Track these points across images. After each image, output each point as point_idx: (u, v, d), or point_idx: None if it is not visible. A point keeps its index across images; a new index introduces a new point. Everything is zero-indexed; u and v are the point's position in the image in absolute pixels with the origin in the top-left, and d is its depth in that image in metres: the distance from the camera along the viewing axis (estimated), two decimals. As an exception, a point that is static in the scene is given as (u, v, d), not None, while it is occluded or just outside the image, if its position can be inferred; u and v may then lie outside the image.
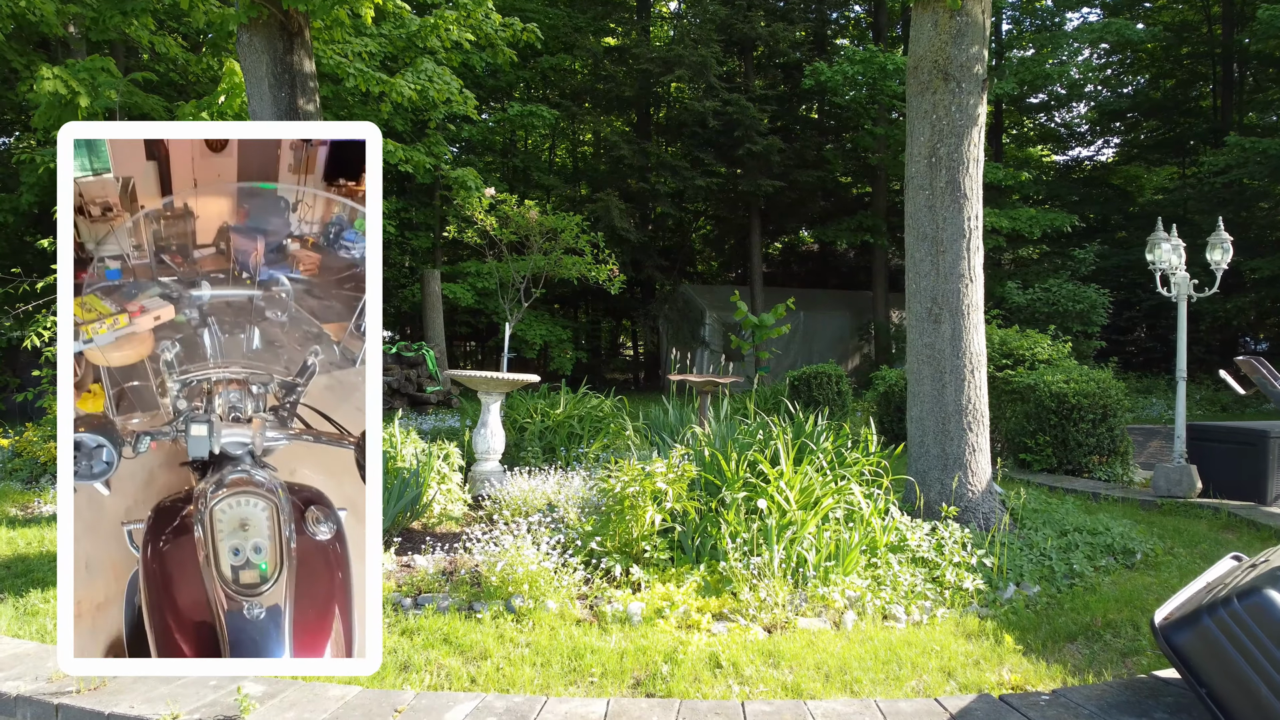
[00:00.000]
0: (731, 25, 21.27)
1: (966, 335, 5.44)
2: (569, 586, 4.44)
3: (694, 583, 4.51)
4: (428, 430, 8.15)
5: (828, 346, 22.88)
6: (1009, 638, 4.08)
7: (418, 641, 3.95)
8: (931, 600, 4.51)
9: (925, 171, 5.46)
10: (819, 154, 23.42)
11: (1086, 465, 8.70)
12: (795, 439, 5.40)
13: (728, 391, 8.66)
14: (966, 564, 4.77)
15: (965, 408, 5.44)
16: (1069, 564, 4.89)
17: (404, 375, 14.90)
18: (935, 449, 5.51)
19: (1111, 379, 8.96)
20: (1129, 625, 4.28)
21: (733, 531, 4.73)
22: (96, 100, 9.37)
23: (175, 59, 12.75)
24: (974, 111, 5.39)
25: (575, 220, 9.08)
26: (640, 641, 3.96)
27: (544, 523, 5.06)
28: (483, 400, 6.69)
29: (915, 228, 5.54)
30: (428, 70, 12.89)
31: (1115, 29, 19.64)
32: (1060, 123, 28.46)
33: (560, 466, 7.26)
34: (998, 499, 5.58)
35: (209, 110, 10.08)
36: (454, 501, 6.02)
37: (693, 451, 5.37)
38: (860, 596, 4.43)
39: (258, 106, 6.23)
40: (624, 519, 4.80)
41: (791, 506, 4.90)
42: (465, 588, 4.53)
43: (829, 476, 5.13)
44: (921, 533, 4.99)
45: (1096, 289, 17.01)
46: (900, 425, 10.50)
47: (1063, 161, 29.78)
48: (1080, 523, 5.44)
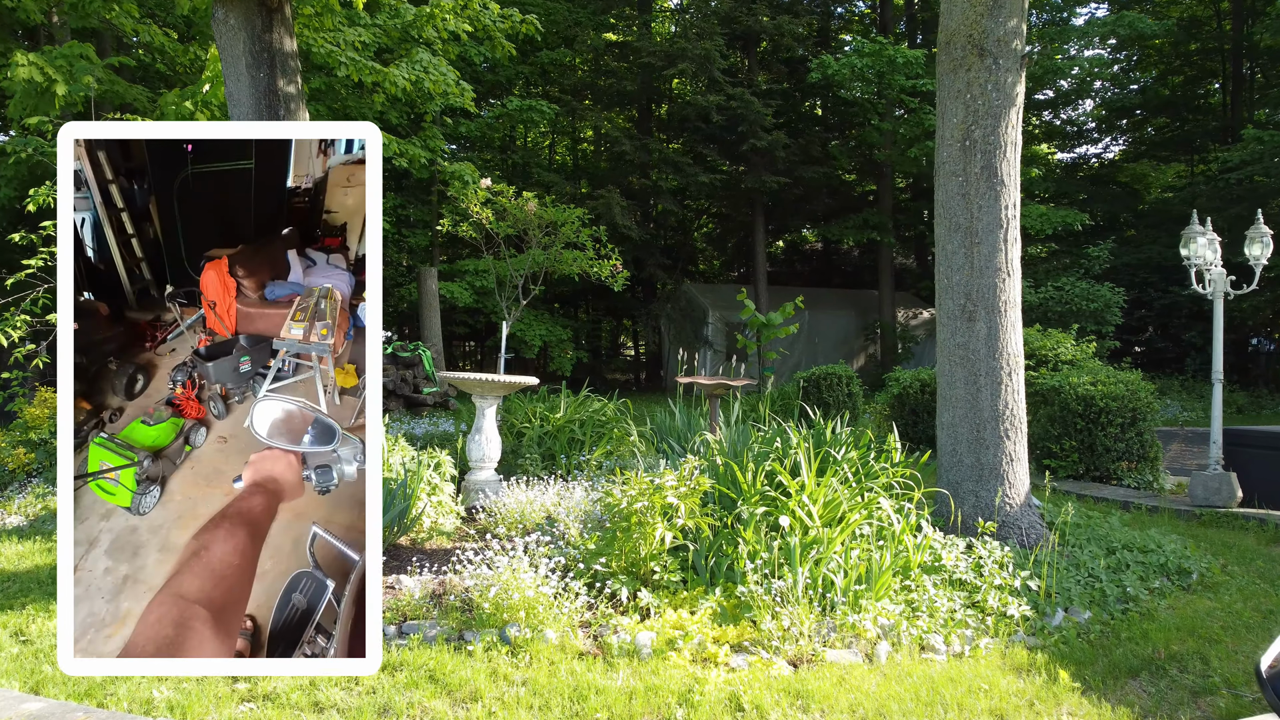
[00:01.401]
0: (735, 18, 20.82)
1: (1003, 334, 4.99)
2: (570, 614, 4.00)
3: (709, 609, 4.06)
4: (420, 436, 7.70)
5: (832, 347, 22.42)
6: (1064, 673, 3.64)
7: (400, 680, 3.50)
8: (973, 628, 4.07)
9: (958, 156, 5.02)
10: (824, 150, 22.96)
11: (1115, 472, 8.25)
12: (817, 448, 4.95)
13: (739, 394, 8.22)
14: (1009, 586, 4.32)
15: (1002, 413, 4.99)
16: (1121, 586, 4.44)
17: (399, 376, 14.44)
18: (969, 458, 5.06)
19: (1140, 380, 8.51)
20: (1196, 658, 3.84)
21: (751, 551, 4.28)
22: (74, 88, 8.91)
23: (162, 49, 12.29)
24: (1012, 91, 4.94)
25: (576, 213, 8.62)
26: (651, 679, 3.52)
27: (542, 541, 4.61)
28: (477, 404, 6.24)
29: (947, 217, 5.10)
30: (423, 61, 12.45)
31: (1128, 21, 19.18)
32: (1066, 119, 27.99)
33: (560, 475, 6.81)
34: (1037, 512, 5.13)
35: (193, 99, 9.63)
36: (446, 514, 5.57)
37: (705, 462, 4.92)
38: (894, 625, 3.98)
39: (234, 88, 5.77)
40: (631, 536, 4.35)
41: (815, 523, 4.46)
42: (455, 614, 4.08)
43: (855, 489, 4.69)
44: (957, 551, 4.54)
45: (1111, 287, 16.57)
46: (917, 430, 10.05)
47: (1068, 159, 29.32)
48: (1128, 539, 4.99)
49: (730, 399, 7.86)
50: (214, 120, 9.12)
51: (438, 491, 5.58)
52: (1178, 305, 21.07)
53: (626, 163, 22.46)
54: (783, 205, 24.24)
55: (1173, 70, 26.07)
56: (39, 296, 7.75)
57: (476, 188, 8.57)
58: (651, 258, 23.05)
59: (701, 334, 21.05)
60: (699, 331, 21.20)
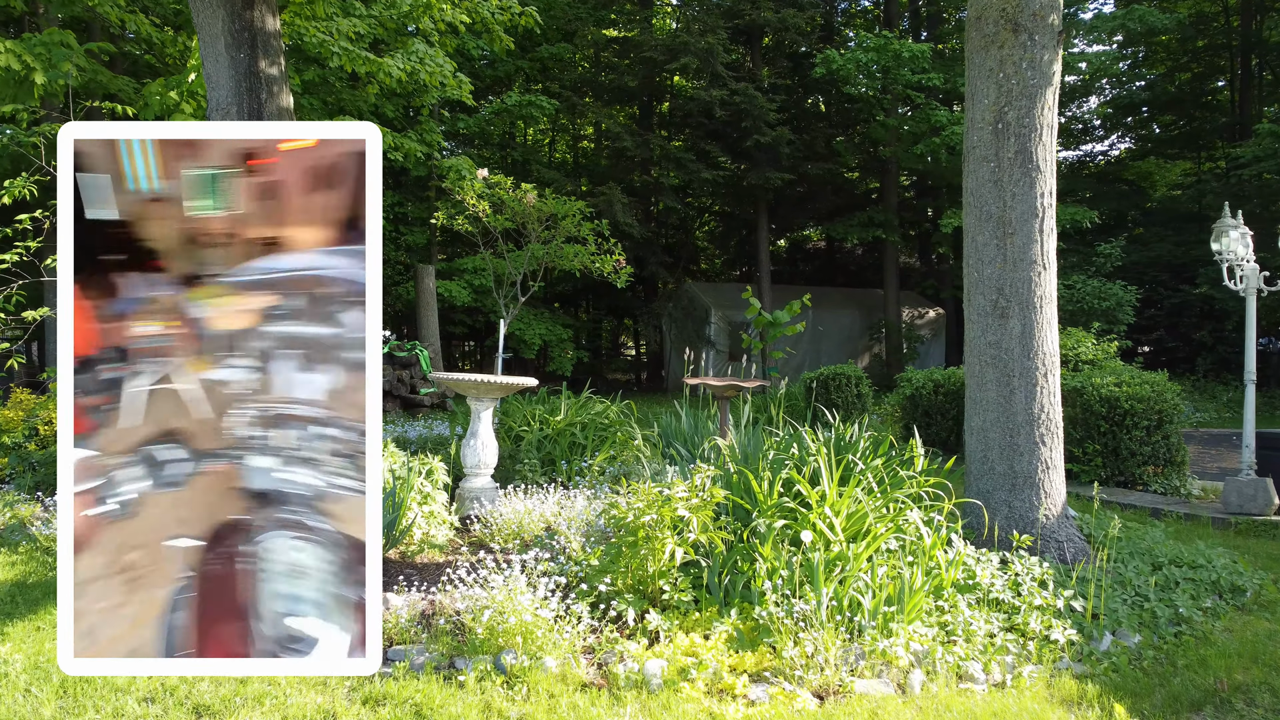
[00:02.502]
0: (739, 12, 20.44)
1: (1039, 332, 4.63)
2: (572, 638, 3.64)
3: (724, 633, 3.70)
4: (413, 439, 7.33)
5: (837, 346, 22.08)
6: (1119, 707, 3.27)
7: (383, 716, 3.14)
8: (1014, 654, 3.70)
9: (990, 140, 4.65)
10: (829, 146, 22.59)
11: (1140, 477, 7.89)
12: (837, 454, 4.59)
13: (747, 397, 7.85)
14: (1051, 607, 3.96)
15: (1037, 418, 4.63)
16: (1173, 606, 4.08)
17: (396, 376, 14.09)
18: (1002, 465, 4.69)
19: (1166, 382, 8.15)
20: (1264, 689, 3.47)
21: (770, 568, 3.92)
22: (53, 75, 8.54)
23: (150, 39, 11.93)
24: (1048, 69, 4.58)
25: (577, 206, 8.23)
26: (662, 715, 3.16)
27: (541, 558, 4.25)
28: (472, 407, 5.88)
29: (977, 206, 4.73)
30: (418, 51, 12.09)
31: (1138, 15, 18.82)
32: (1072, 116, 27.64)
33: (561, 482, 6.45)
34: (1074, 524, 4.77)
35: (178, 88, 9.27)
36: (438, 525, 5.20)
37: (718, 470, 4.56)
38: (929, 651, 3.62)
39: (212, 69, 5.40)
40: (638, 552, 3.99)
41: (838, 537, 4.10)
42: (446, 639, 3.72)
43: (880, 499, 4.32)
44: (992, 567, 4.18)
45: (1123, 286, 16.21)
46: (930, 432, 9.69)
47: (1074, 157, 28.96)
48: (1175, 553, 4.63)
49: (740, 401, 7.50)
50: (199, 110, 8.76)
51: (429, 500, 5.22)
52: (1188, 304, 20.73)
53: (628, 159, 22.09)
54: (786, 203, 23.87)
55: (1180, 67, 25.73)
56: (13, 294, 7.39)
57: (473, 179, 8.19)
58: (653, 256, 22.69)
59: (704, 333, 20.69)
60: (701, 331, 20.84)
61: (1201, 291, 19.61)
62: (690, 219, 27.41)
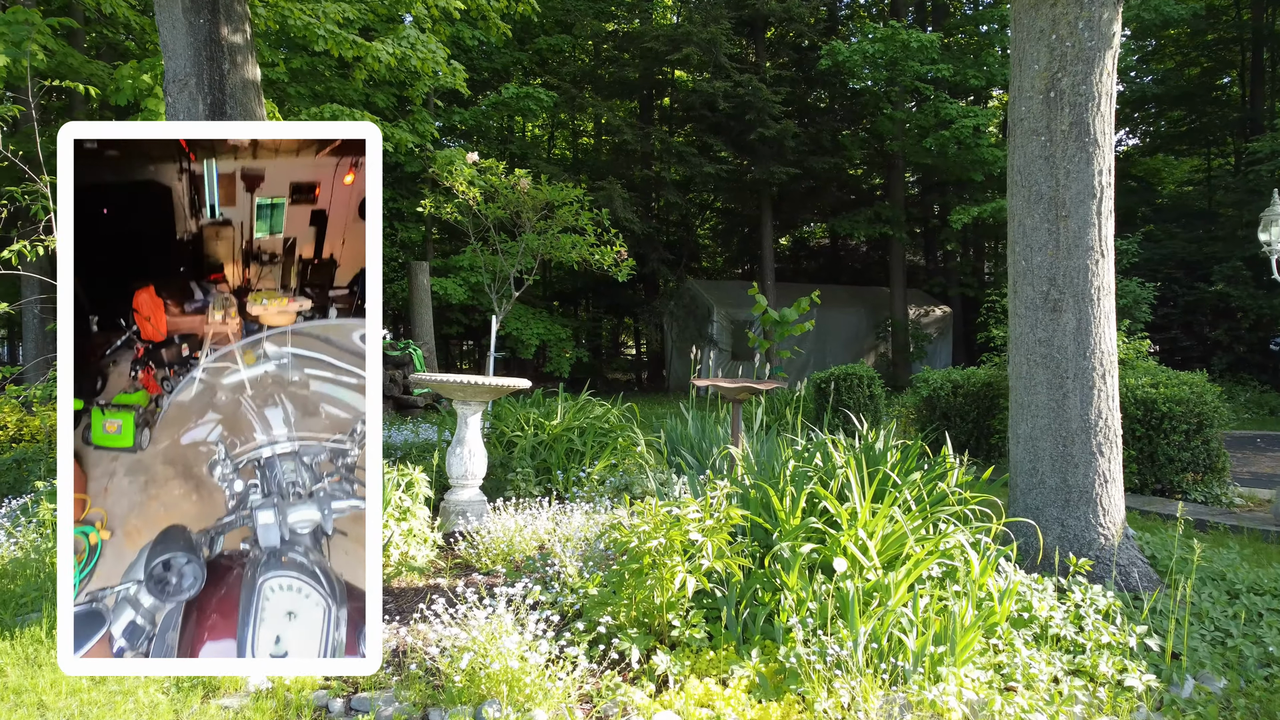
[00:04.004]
0: (742, 2, 19.89)
1: (1096, 328, 4.09)
2: (567, 685, 3.10)
3: (745, 679, 3.16)
4: (398, 445, 6.80)
5: (842, 345, 21.54)
6: (1220, 774, 2.74)
7: (337, 789, 2.60)
8: (1083, 703, 3.16)
9: (1041, 111, 4.11)
10: (835, 140, 22.04)
11: (1179, 484, 7.36)
12: (868, 465, 4.06)
13: (760, 399, 7.31)
14: (1121, 645, 3.42)
15: (1094, 424, 4.09)
16: (1261, 645, 3.54)
17: (389, 376, 13.55)
18: (1053, 479, 4.15)
19: (1206, 383, 7.62)
20: (1386, 750, 2.94)
21: (797, 600, 3.38)
22: (14, 54, 7.99)
23: (128, 22, 11.37)
24: (1108, 29, 4.04)
25: (575, 193, 7.69)
26: (674, 787, 2.62)
27: (530, 590, 3.70)
28: (459, 412, 5.34)
29: (1026, 185, 4.19)
30: (409, 36, 11.53)
31: (1154, 5, 18.29)
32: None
33: (557, 494, 5.91)
34: (1135, 545, 4.23)
35: (151, 73, 8.74)
36: (419, 544, 4.66)
37: (733, 485, 4.02)
38: (985, 701, 3.08)
39: (169, 37, 4.86)
40: (643, 582, 3.45)
41: (872, 562, 3.56)
42: (419, 685, 3.18)
43: (919, 520, 3.78)
44: (1049, 597, 3.64)
45: (1140, 283, 15.66)
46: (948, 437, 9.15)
47: (1082, 153, 28.39)
48: (1252, 579, 4.09)
49: (752, 404, 6.95)
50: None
51: (409, 516, 4.67)
52: (1202, 302, 20.20)
53: (628, 153, 21.55)
54: (790, 198, 23.33)
55: (1190, 61, 25.22)
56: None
57: (463, 164, 7.65)
58: (654, 253, 22.14)
59: (706, 332, 20.16)
60: (703, 330, 20.30)
61: (1217, 289, 19.09)
62: (692, 215, 26.87)
